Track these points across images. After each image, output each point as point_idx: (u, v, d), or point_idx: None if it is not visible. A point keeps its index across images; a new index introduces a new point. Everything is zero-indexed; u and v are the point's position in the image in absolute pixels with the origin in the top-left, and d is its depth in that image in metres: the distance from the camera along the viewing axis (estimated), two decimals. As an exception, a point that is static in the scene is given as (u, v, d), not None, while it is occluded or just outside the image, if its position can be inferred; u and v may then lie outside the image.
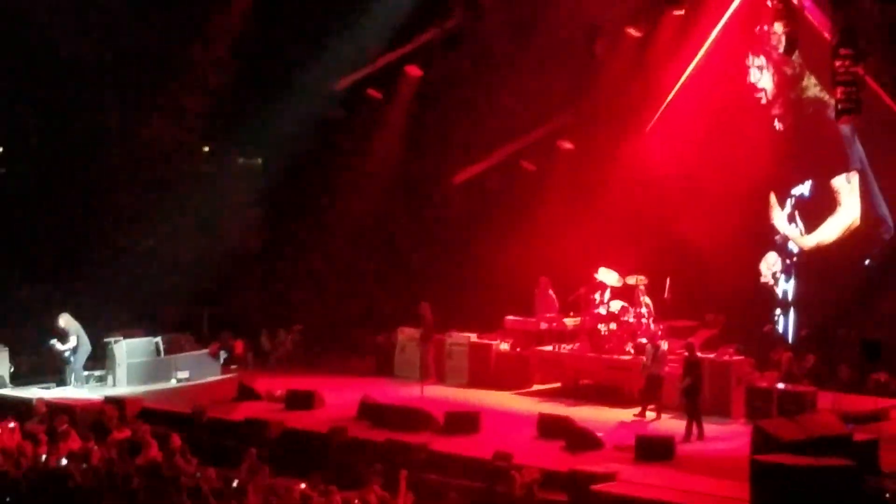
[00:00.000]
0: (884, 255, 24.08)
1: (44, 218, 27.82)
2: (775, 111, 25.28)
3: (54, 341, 24.32)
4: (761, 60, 25.28)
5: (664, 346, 21.36)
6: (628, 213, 25.53)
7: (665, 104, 25.68)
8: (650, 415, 20.98)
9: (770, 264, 25.59)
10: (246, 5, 27.36)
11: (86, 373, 24.56)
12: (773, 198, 25.39)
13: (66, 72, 26.88)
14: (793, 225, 25.30)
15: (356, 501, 15.95)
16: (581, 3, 25.61)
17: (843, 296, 24.09)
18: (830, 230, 24.88)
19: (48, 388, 23.88)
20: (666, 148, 25.68)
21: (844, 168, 24.42)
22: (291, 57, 27.68)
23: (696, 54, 25.11)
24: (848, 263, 24.44)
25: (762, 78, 25.35)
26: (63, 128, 28.21)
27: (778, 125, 25.28)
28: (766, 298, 25.48)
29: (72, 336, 24.34)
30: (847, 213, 24.58)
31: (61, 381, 24.27)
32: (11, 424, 20.23)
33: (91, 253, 27.22)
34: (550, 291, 24.44)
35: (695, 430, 19.50)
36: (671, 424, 20.19)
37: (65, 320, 24.40)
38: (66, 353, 24.34)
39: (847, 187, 24.52)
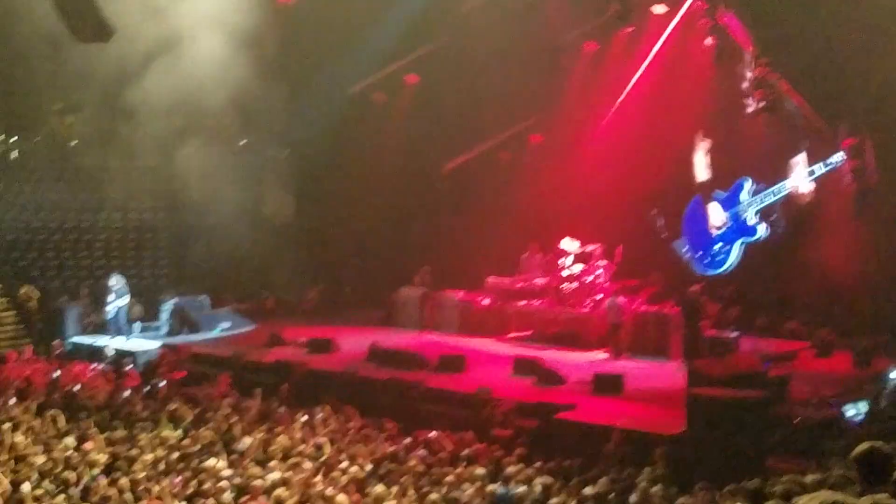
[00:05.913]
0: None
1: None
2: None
3: (111, 297, 23.77)
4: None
5: (620, 300, 21.37)
6: (586, 192, 25.18)
7: (617, 104, 25.36)
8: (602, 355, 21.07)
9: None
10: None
11: (143, 324, 24.31)
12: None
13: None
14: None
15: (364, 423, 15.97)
16: (549, 24, 25.34)
17: (759, 259, 23.78)
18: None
19: (114, 337, 23.60)
20: (617, 140, 25.35)
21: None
22: (312, 68, 27.48)
23: (642, 63, 24.80)
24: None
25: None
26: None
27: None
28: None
29: (122, 293, 23.82)
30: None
31: (117, 332, 23.69)
32: (90, 366, 20.25)
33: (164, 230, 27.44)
34: (538, 255, 24.20)
35: None
36: (624, 364, 20.15)
37: (115, 279, 24.04)
38: (118, 307, 23.80)
39: None
